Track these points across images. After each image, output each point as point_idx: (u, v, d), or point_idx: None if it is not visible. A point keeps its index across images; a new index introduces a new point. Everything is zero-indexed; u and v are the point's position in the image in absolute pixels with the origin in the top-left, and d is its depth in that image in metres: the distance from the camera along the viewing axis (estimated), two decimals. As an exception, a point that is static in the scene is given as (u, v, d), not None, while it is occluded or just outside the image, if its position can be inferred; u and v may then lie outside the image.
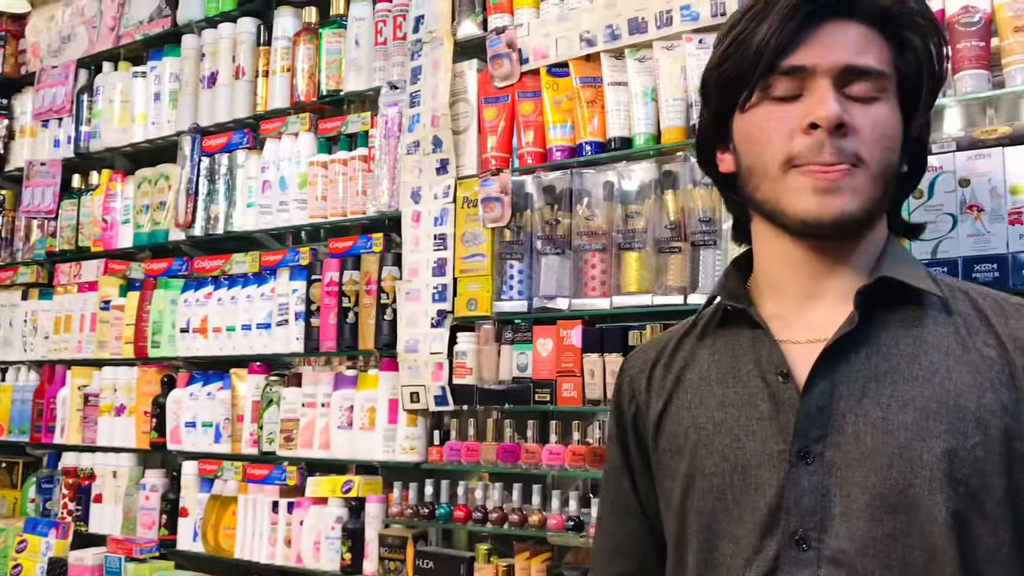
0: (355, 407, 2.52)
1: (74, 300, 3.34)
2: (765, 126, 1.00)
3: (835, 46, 0.97)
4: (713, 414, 1.05)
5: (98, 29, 3.45)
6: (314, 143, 2.76)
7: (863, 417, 0.96)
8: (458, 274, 2.38)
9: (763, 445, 1.00)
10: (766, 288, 1.08)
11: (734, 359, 1.06)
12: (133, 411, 3.06)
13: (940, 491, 0.92)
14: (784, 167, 0.99)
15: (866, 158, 0.97)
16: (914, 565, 0.92)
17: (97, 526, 3.10)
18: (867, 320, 0.99)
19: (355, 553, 2.43)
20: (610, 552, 1.20)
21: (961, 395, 0.95)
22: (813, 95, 0.97)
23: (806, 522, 0.95)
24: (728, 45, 1.03)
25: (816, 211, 0.97)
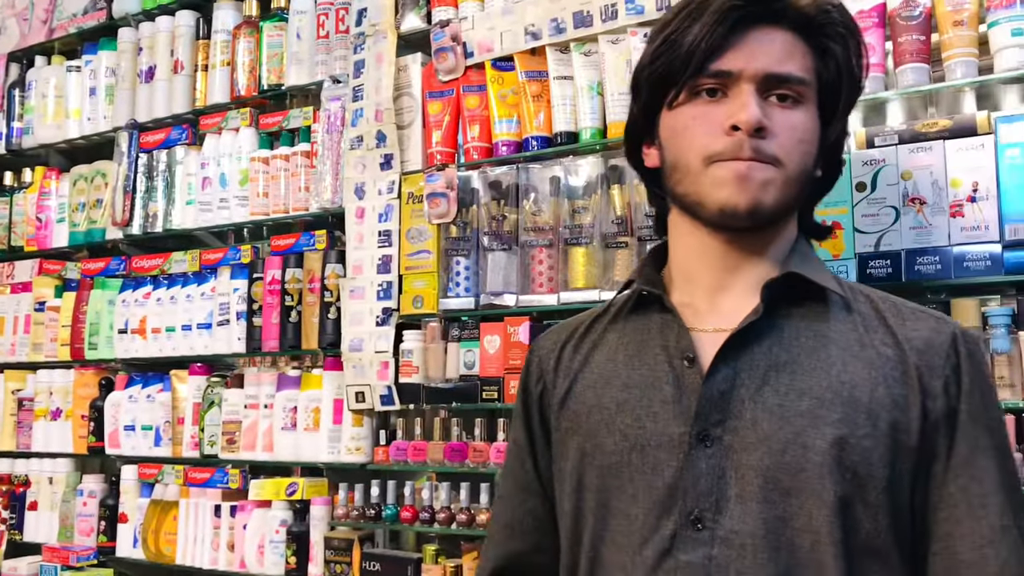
0: (299, 408, 2.47)
1: (7, 301, 3.23)
2: (690, 124, 1.04)
3: (759, 53, 1.02)
4: (617, 394, 1.08)
5: (30, 21, 3.35)
6: (255, 138, 2.70)
7: (761, 404, 1.00)
8: (403, 271, 2.35)
9: (664, 427, 1.03)
10: (679, 278, 1.12)
11: (642, 343, 1.10)
12: (70, 415, 2.97)
13: (829, 476, 0.96)
14: (705, 162, 1.03)
15: (783, 159, 1.01)
16: (801, 547, 0.97)
17: (32, 534, 3.00)
18: (772, 312, 1.04)
19: (300, 556, 2.39)
20: (507, 529, 1.22)
21: (855, 388, 0.99)
22: (736, 98, 1.02)
23: (702, 503, 0.99)
24: (660, 44, 1.06)
25: (734, 199, 1.01)
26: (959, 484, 1.00)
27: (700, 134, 1.03)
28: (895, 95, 1.84)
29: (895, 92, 1.83)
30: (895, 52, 1.82)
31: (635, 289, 1.14)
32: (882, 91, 1.84)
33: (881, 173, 1.76)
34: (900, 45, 1.80)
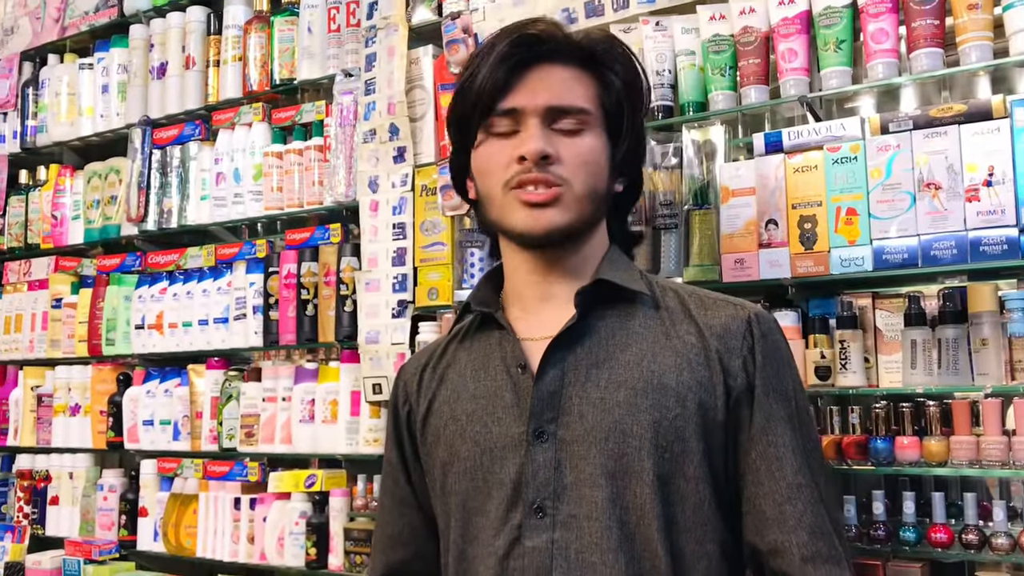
0: (317, 400, 2.48)
1: (24, 299, 3.26)
2: (489, 160, 1.17)
3: (541, 89, 1.14)
4: (467, 405, 1.21)
5: (42, 20, 3.36)
6: (268, 133, 2.71)
7: (585, 398, 1.13)
8: (418, 263, 2.36)
9: (507, 429, 1.15)
10: (512, 295, 1.25)
11: (485, 357, 1.23)
12: (88, 411, 3.00)
13: (648, 457, 1.09)
14: (504, 190, 1.15)
15: (569, 179, 1.14)
16: (628, 523, 1.09)
17: (54, 529, 3.03)
18: (588, 316, 1.17)
19: (320, 548, 2.40)
20: (389, 540, 1.35)
21: (664, 375, 1.12)
22: (524, 132, 1.14)
23: (542, 492, 1.11)
24: (458, 91, 1.19)
25: (530, 224, 1.14)
26: (758, 450, 1.13)
27: (496, 168, 1.16)
28: (909, 80, 1.84)
29: (909, 77, 1.82)
30: (909, 37, 1.82)
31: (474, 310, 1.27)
32: (896, 76, 1.83)
33: (896, 159, 1.76)
34: (914, 30, 1.80)
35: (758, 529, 1.12)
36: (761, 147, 1.91)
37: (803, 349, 1.82)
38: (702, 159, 1.96)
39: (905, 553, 1.72)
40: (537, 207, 1.14)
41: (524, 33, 1.15)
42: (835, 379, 1.80)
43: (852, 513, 1.75)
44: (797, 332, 1.84)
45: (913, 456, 1.70)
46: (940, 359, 1.70)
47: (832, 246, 1.80)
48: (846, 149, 1.81)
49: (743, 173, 1.91)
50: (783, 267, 1.84)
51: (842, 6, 1.88)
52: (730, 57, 2.00)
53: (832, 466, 1.76)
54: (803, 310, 1.88)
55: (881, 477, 1.79)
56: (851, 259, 1.77)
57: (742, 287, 1.89)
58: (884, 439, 1.73)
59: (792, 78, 1.92)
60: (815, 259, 1.81)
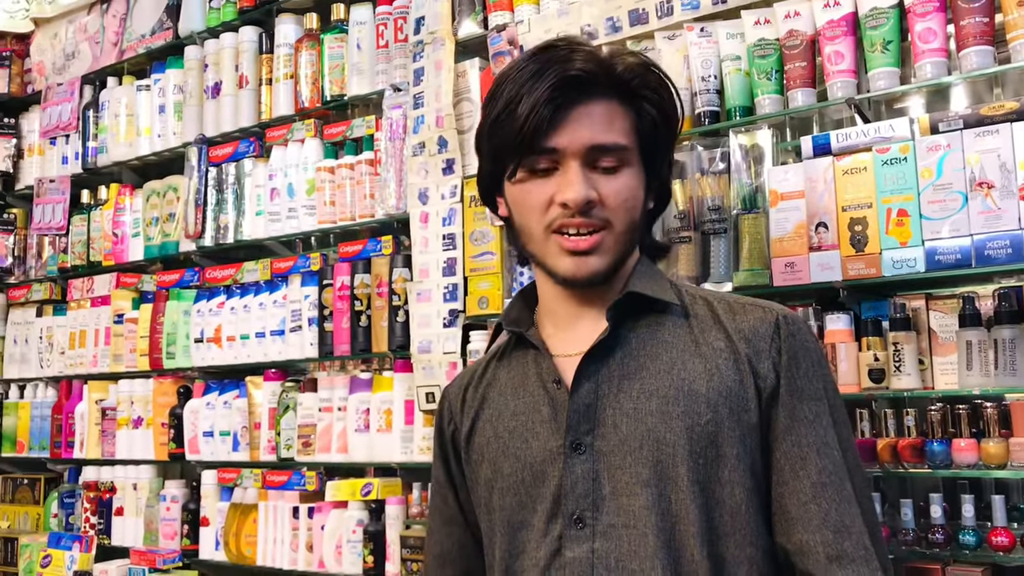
0: (371, 410, 2.52)
1: (88, 315, 3.36)
2: (527, 198, 1.17)
3: (582, 128, 1.14)
4: (508, 423, 1.23)
5: (101, 44, 3.47)
6: (320, 149, 2.77)
7: (619, 409, 1.14)
8: (468, 273, 2.39)
9: (545, 443, 1.17)
10: (545, 313, 1.26)
11: (523, 375, 1.25)
12: (151, 423, 3.08)
13: (683, 463, 1.10)
14: (546, 232, 1.16)
15: (612, 221, 1.15)
16: (667, 530, 1.10)
17: (119, 539, 3.11)
18: (620, 328, 1.18)
19: (377, 555, 2.44)
20: (438, 560, 1.36)
21: (694, 382, 1.13)
22: (565, 174, 1.14)
23: (581, 504, 1.13)
24: (496, 117, 1.17)
25: (573, 272, 1.15)
26: (782, 450, 1.13)
27: (536, 207, 1.16)
28: (959, 79, 1.82)
29: (959, 76, 1.81)
30: (958, 35, 1.80)
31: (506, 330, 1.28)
32: (945, 75, 1.82)
33: (947, 159, 1.74)
34: (963, 28, 1.78)
35: (785, 529, 1.12)
36: (809, 150, 1.90)
37: (856, 352, 1.81)
38: (750, 163, 1.96)
39: (965, 557, 1.70)
40: (580, 255, 1.15)
41: (570, 72, 1.14)
42: (889, 382, 1.78)
43: (909, 517, 1.74)
44: (850, 335, 1.83)
45: (971, 459, 1.68)
46: (997, 360, 1.68)
47: (883, 248, 1.79)
48: (895, 150, 1.80)
49: (791, 176, 1.90)
50: (834, 270, 1.83)
51: (888, 6, 1.87)
52: (776, 61, 2.00)
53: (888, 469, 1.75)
54: (855, 313, 1.87)
55: (939, 480, 1.77)
56: (903, 260, 1.76)
57: (793, 291, 1.88)
58: (941, 442, 1.71)
59: (839, 80, 1.92)
60: (866, 261, 1.80)
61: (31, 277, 3.62)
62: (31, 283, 3.60)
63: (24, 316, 3.62)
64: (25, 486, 3.50)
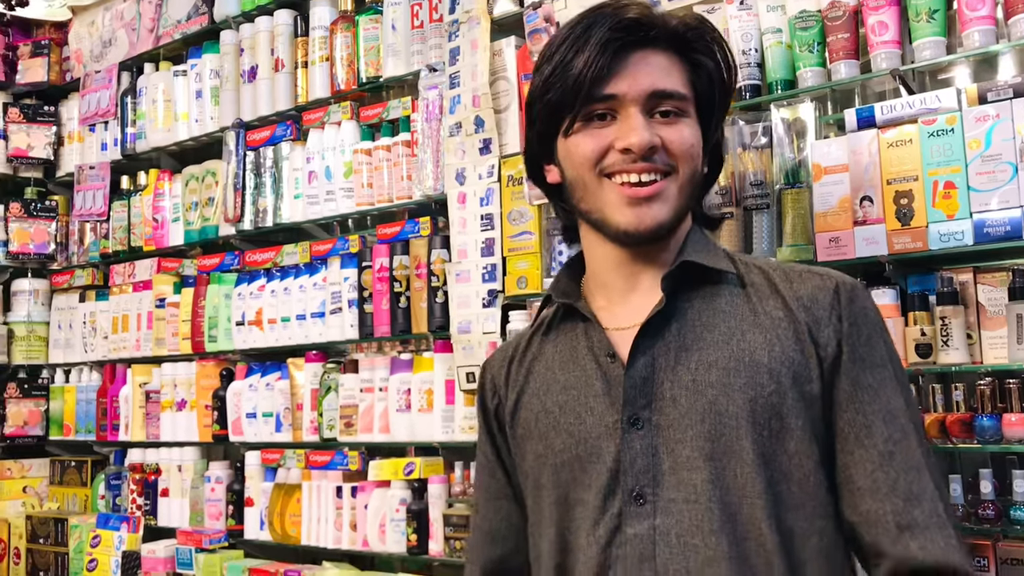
0: (412, 390, 2.54)
1: (130, 299, 3.40)
2: (584, 146, 1.14)
3: (641, 74, 1.12)
4: (558, 397, 1.20)
5: (138, 31, 3.50)
6: (357, 131, 2.77)
7: (677, 382, 1.11)
8: (507, 253, 2.39)
9: (600, 418, 1.15)
10: (595, 284, 1.23)
11: (572, 348, 1.22)
12: (194, 405, 3.12)
13: (747, 436, 1.08)
14: (599, 175, 1.14)
15: (677, 167, 1.13)
16: (731, 504, 1.07)
17: (166, 519, 3.16)
18: (675, 299, 1.15)
19: (421, 534, 2.46)
20: (486, 536, 1.34)
21: (755, 352, 1.11)
22: (625, 121, 1.12)
23: (641, 480, 1.11)
24: (549, 75, 1.15)
25: (635, 223, 1.13)
26: (846, 419, 1.10)
27: (593, 154, 1.13)
28: (1007, 47, 1.79)
29: (1007, 44, 1.77)
30: (1006, 2, 1.77)
31: (555, 302, 1.26)
32: (993, 44, 1.79)
33: (995, 129, 1.71)
34: (1011, -5, 1.75)
35: (851, 500, 1.09)
36: (853, 123, 1.88)
37: (903, 327, 1.79)
38: (792, 137, 1.94)
39: (1016, 532, 1.68)
40: (642, 203, 1.12)
41: (624, 17, 1.12)
42: (936, 356, 1.76)
43: (958, 492, 1.72)
44: (896, 310, 1.81)
45: (1021, 433, 1.66)
46: (1048, 333, 1.66)
47: (930, 221, 1.77)
48: (942, 121, 1.77)
49: (835, 150, 1.88)
50: (879, 244, 1.81)
51: (934, -25, 1.84)
52: (818, 33, 1.97)
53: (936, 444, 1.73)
54: (901, 287, 1.85)
55: (988, 455, 1.75)
56: (950, 234, 1.74)
57: (838, 265, 1.86)
58: (990, 416, 1.69)
59: (883, 51, 1.89)
60: (912, 235, 1.78)
61: (73, 263, 3.68)
62: (74, 269, 3.65)
63: (67, 302, 3.67)
64: (73, 468, 3.57)
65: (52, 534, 3.34)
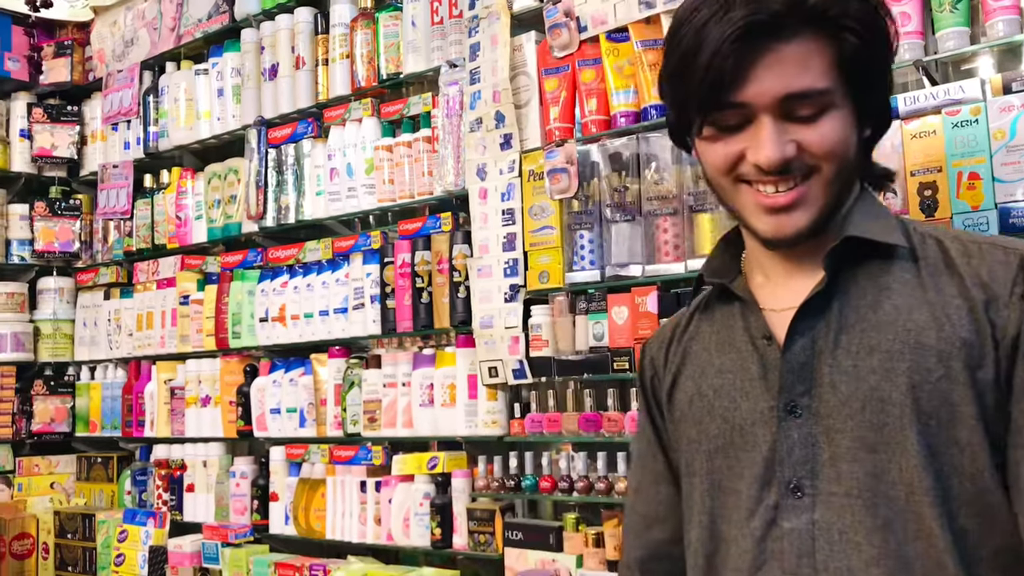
0: (435, 385, 2.55)
1: (154, 297, 3.43)
2: (714, 155, 1.07)
3: (771, 76, 1.00)
4: (713, 381, 1.14)
5: (159, 30, 3.52)
6: (378, 127, 2.79)
7: (836, 367, 1.03)
8: (528, 247, 2.39)
9: (755, 404, 1.08)
10: (754, 261, 1.16)
11: (729, 329, 1.15)
12: (218, 401, 3.14)
13: (911, 426, 0.98)
14: (736, 184, 1.06)
15: (818, 167, 1.02)
16: (896, 500, 0.99)
17: (191, 514, 3.20)
18: (838, 276, 1.06)
19: (444, 528, 2.47)
20: (646, 520, 1.28)
21: (921, 333, 1.00)
22: (757, 132, 1.02)
23: (799, 471, 1.03)
24: (673, 71, 1.06)
25: (774, 231, 1.05)
26: (1021, 407, 0.98)
27: (724, 164, 1.05)
28: (1031, 37, 1.77)
29: (1031, 34, 1.76)
30: (1030, -8, 1.75)
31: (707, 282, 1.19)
32: (1017, 34, 1.77)
33: (1020, 119, 1.70)
34: (1035, -16, 1.73)
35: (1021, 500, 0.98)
36: (876, 114, 1.87)
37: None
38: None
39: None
40: (780, 212, 1.03)
41: (749, 19, 0.98)
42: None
43: None
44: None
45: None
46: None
47: (954, 212, 1.76)
48: (966, 112, 1.76)
49: (858, 142, 1.87)
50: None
51: (957, -35, 1.83)
52: (839, 24, 1.96)
53: None
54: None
55: None
56: (975, 224, 1.73)
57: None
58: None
59: (906, 42, 1.88)
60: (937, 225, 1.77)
61: (98, 261, 3.71)
62: (98, 267, 3.69)
63: (92, 299, 3.71)
64: (99, 464, 3.61)
65: (80, 529, 3.38)
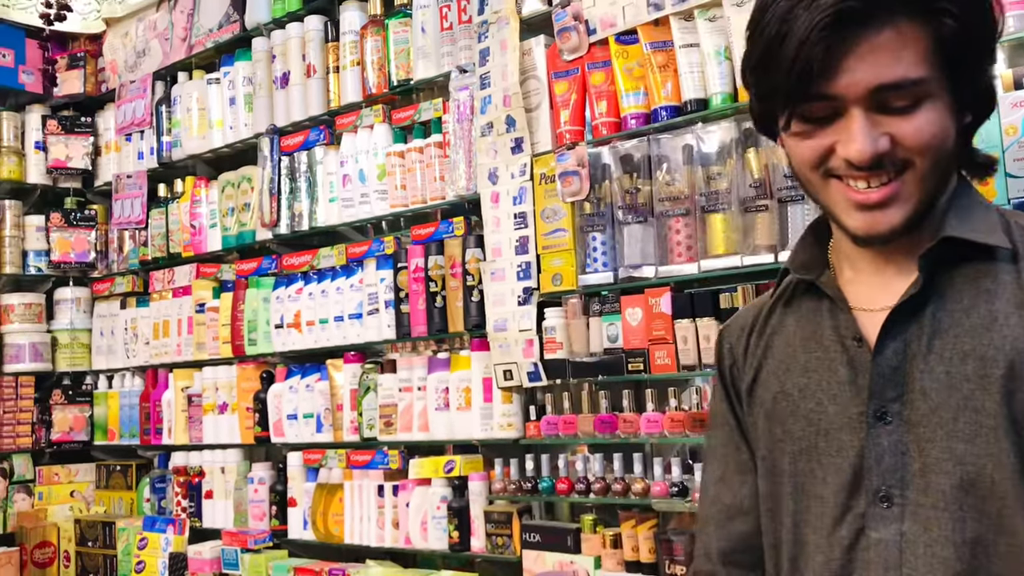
0: (450, 388, 2.56)
1: (170, 305, 3.45)
2: (802, 150, 1.01)
3: (863, 66, 0.94)
4: (798, 379, 1.09)
5: (170, 41, 3.55)
6: (389, 134, 2.80)
7: (928, 373, 0.99)
8: (541, 251, 2.40)
9: (843, 408, 1.04)
10: (842, 253, 1.10)
11: (816, 325, 1.10)
12: (236, 408, 3.16)
13: (1005, 437, 0.94)
14: (824, 179, 1.01)
15: (912, 162, 0.97)
16: (988, 513, 0.95)
17: (210, 521, 3.22)
18: (933, 277, 1.01)
19: (462, 531, 2.48)
20: (728, 511, 1.21)
21: (1018, 339, 0.95)
22: (848, 125, 0.96)
23: (888, 480, 0.99)
24: (757, 61, 1.01)
25: (865, 229, 0.99)
26: None
27: (812, 158, 1.00)
28: (1043, 32, 1.77)
29: (1043, 28, 1.76)
30: (1040, -14, 1.75)
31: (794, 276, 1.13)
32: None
33: (1032, 114, 1.70)
34: (1045, -21, 1.73)
35: None
36: (886, 112, 1.87)
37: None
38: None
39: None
40: (873, 209, 0.98)
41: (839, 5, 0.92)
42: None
43: None
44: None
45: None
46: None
47: (967, 208, 1.75)
48: (977, 108, 1.76)
49: (869, 140, 1.87)
50: (916, 233, 1.80)
51: (965, -39, 1.83)
52: (848, 23, 1.96)
53: None
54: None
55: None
56: (988, 220, 1.73)
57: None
58: None
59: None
60: (949, 223, 1.77)
61: (114, 271, 3.74)
62: (114, 276, 3.72)
63: (109, 309, 3.74)
64: (118, 472, 3.64)
65: (100, 537, 3.41)
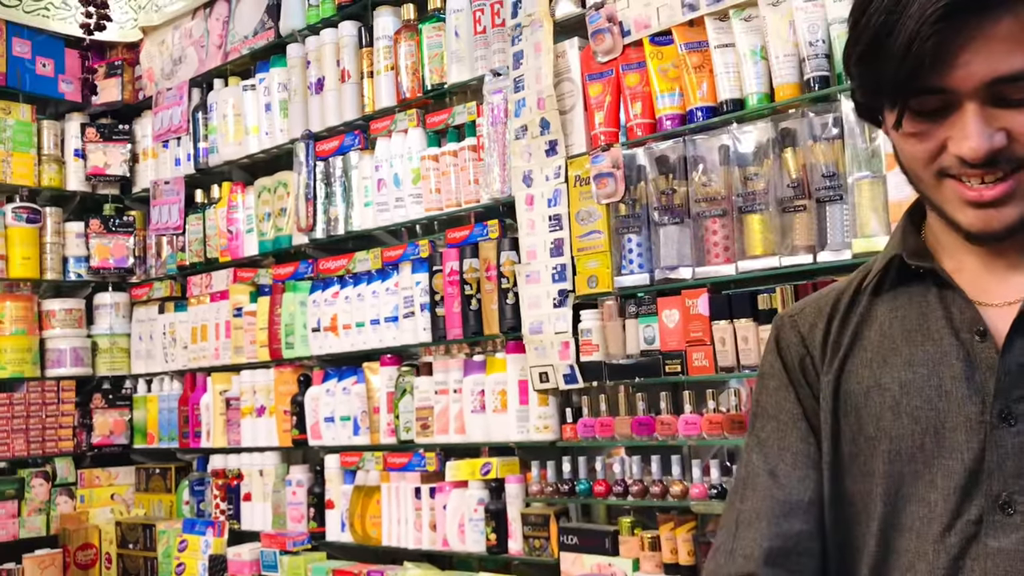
0: (486, 391, 2.57)
1: (208, 310, 3.49)
2: (913, 148, 0.96)
3: (977, 57, 0.88)
4: (899, 374, 1.01)
5: (206, 48, 3.59)
6: (424, 138, 2.82)
7: None
8: (576, 253, 2.40)
9: (959, 406, 0.96)
10: (938, 246, 1.03)
11: (922, 316, 1.01)
12: (273, 411, 3.19)
13: None
14: (937, 176, 0.95)
15: None
16: None
17: (249, 523, 3.25)
18: None
19: (499, 533, 2.49)
20: (783, 506, 1.08)
21: None
22: (959, 120, 0.91)
23: (1010, 485, 0.92)
24: (862, 53, 0.95)
25: (979, 227, 0.94)
26: None
27: (924, 155, 0.95)
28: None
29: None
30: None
31: (894, 258, 1.06)
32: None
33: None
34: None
35: None
36: (926, 110, 1.85)
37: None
38: (864, 127, 1.92)
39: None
40: (987, 207, 0.93)
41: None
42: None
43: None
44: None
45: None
46: None
47: (1010, 206, 1.73)
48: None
49: (908, 138, 1.86)
50: (958, 232, 1.79)
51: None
52: (886, 21, 1.95)
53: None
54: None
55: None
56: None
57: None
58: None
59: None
60: (992, 221, 1.75)
61: (152, 276, 3.79)
62: (152, 282, 3.77)
63: (147, 314, 3.79)
64: (157, 475, 3.68)
65: (141, 539, 3.45)
